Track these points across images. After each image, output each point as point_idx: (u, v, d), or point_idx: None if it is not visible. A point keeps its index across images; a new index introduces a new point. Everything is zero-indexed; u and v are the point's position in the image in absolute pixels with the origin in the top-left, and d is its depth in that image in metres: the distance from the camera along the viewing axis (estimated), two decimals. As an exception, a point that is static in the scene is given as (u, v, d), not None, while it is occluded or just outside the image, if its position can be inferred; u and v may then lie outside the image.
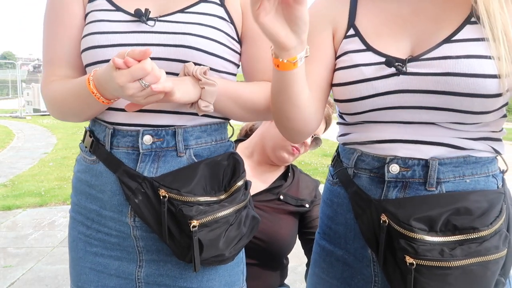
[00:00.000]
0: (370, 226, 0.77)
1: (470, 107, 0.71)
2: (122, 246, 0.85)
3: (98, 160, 0.84)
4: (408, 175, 0.76)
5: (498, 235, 0.71)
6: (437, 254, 0.69)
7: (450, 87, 0.71)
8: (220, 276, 0.86)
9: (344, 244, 0.86)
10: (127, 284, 0.86)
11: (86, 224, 0.87)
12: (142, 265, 0.85)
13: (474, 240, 0.70)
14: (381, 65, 0.75)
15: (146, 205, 0.78)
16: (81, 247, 0.88)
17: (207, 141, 0.85)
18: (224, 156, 0.85)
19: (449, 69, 0.71)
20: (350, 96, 0.79)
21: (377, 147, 0.80)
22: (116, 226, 0.84)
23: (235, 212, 0.81)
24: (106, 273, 0.86)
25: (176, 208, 0.76)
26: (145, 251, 0.84)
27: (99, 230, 0.86)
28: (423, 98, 0.73)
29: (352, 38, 0.81)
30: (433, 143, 0.76)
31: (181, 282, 0.84)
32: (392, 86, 0.75)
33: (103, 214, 0.84)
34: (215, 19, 0.83)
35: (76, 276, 0.90)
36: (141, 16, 0.79)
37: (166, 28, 0.80)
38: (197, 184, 0.79)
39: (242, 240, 0.82)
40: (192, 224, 0.75)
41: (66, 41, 0.86)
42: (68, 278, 2.67)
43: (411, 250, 0.70)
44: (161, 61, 0.78)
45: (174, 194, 0.77)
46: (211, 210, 0.77)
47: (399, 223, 0.72)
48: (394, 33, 0.78)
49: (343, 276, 0.86)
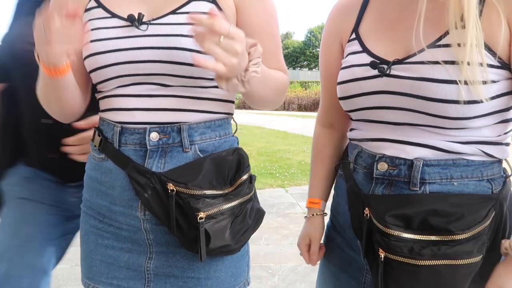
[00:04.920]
0: (357, 218, 0.82)
1: (444, 112, 0.72)
2: (133, 239, 0.88)
3: (107, 158, 0.87)
4: (395, 174, 0.79)
5: (474, 240, 0.70)
6: (406, 251, 0.71)
7: (423, 92, 0.72)
8: (226, 267, 0.89)
9: (343, 233, 0.92)
10: (136, 275, 0.89)
11: (97, 218, 0.91)
12: (152, 257, 0.88)
13: (446, 242, 0.70)
14: (368, 67, 0.79)
15: (155, 199, 0.81)
16: (93, 240, 0.91)
17: (211, 136, 0.87)
18: (229, 151, 0.87)
19: (424, 74, 0.72)
20: (343, 94, 0.85)
21: (371, 144, 0.84)
22: (127, 220, 0.87)
23: (240, 204, 0.83)
24: (116, 265, 0.89)
25: (184, 201, 0.79)
26: (155, 243, 0.87)
27: (110, 224, 0.89)
28: (403, 100, 0.76)
29: (353, 41, 0.87)
30: (418, 144, 0.77)
31: (189, 272, 0.87)
32: (376, 87, 0.79)
33: (113, 209, 0.88)
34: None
35: (87, 268, 0.93)
36: (133, 21, 0.82)
37: (158, 31, 0.82)
38: (203, 178, 0.81)
39: (247, 231, 0.85)
40: (199, 216, 0.77)
41: None
42: (68, 278, 2.68)
43: (384, 244, 0.74)
44: (154, 64, 0.82)
45: (181, 188, 0.79)
46: (217, 202, 0.80)
47: (377, 218, 0.76)
48: (392, 36, 0.81)
49: (341, 263, 0.93)
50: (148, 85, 0.84)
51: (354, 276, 0.90)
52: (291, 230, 3.48)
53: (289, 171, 5.79)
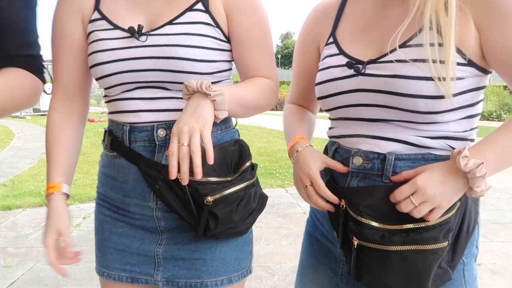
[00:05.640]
0: (335, 210, 0.87)
1: (415, 107, 0.78)
2: (145, 227, 0.96)
3: (118, 155, 0.96)
4: (369, 167, 0.85)
5: (440, 227, 0.76)
6: (378, 238, 0.77)
7: (396, 88, 0.78)
8: (231, 250, 0.97)
9: (321, 226, 0.99)
10: (147, 260, 0.97)
11: (112, 210, 0.99)
12: (162, 242, 0.96)
13: (414, 229, 0.76)
14: (345, 67, 0.86)
15: (166, 189, 0.89)
16: (107, 229, 1.00)
17: (213, 130, 0.92)
18: (231, 142, 0.95)
19: (396, 71, 0.78)
20: (322, 94, 0.91)
21: (347, 140, 0.89)
22: (140, 210, 0.95)
23: (245, 188, 0.91)
24: (128, 251, 0.98)
25: (193, 188, 0.87)
26: (165, 229, 0.96)
27: (124, 214, 0.98)
28: (377, 97, 0.82)
29: (330, 45, 0.93)
30: (391, 139, 0.83)
31: (196, 254, 0.95)
32: (353, 85, 0.85)
33: (127, 201, 0.96)
34: (201, 26, 0.90)
35: (101, 256, 1.02)
36: (133, 33, 0.89)
37: (156, 42, 0.89)
38: (209, 167, 0.88)
39: (252, 214, 0.93)
40: (206, 199, 0.86)
41: (67, 62, 0.97)
42: (68, 278, 2.68)
43: (357, 232, 0.79)
44: (155, 72, 0.89)
45: (190, 177, 0.85)
46: (222, 187, 0.88)
47: (352, 208, 0.82)
48: (366, 38, 0.87)
49: (319, 255, 1.00)
50: (151, 88, 0.91)
51: (332, 267, 0.96)
52: (291, 230, 3.49)
53: (289, 171, 5.79)
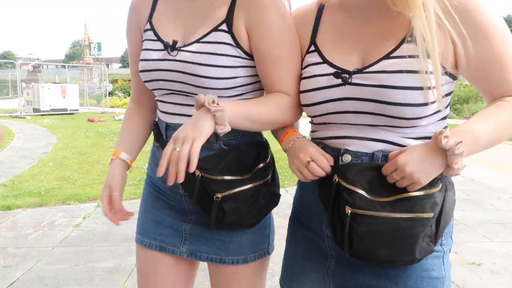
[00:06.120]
0: (326, 188, 0.92)
1: (402, 114, 0.84)
2: (177, 208, 1.14)
3: (159, 146, 1.12)
4: (358, 163, 0.91)
5: (427, 200, 0.82)
6: (370, 205, 0.83)
7: (384, 97, 0.84)
8: (248, 234, 1.10)
9: (308, 222, 1.03)
10: (176, 234, 1.14)
11: (155, 189, 1.18)
12: (190, 222, 1.13)
13: (404, 199, 0.82)
14: (332, 76, 0.90)
15: (188, 181, 0.96)
16: (149, 203, 1.19)
17: (235, 135, 1.03)
18: (251, 143, 1.07)
19: (384, 82, 0.84)
20: (307, 102, 0.96)
21: (334, 142, 0.95)
22: (173, 194, 1.13)
23: (254, 187, 1.01)
24: (162, 224, 1.16)
25: (207, 184, 0.99)
26: (193, 212, 1.12)
27: (163, 194, 1.16)
28: (364, 105, 0.87)
29: (312, 53, 0.97)
30: (377, 140, 0.90)
31: (216, 236, 1.10)
32: (340, 94, 0.90)
33: (165, 185, 1.12)
34: (223, 46, 1.00)
35: (140, 224, 1.20)
36: (167, 47, 1.02)
37: (184, 58, 1.00)
38: (225, 166, 1.01)
39: (259, 210, 1.04)
40: (216, 196, 0.98)
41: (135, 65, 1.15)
42: (68, 278, 2.69)
43: (350, 201, 0.84)
44: (182, 84, 1.02)
45: (205, 173, 0.99)
46: (232, 186, 0.99)
47: (346, 179, 0.87)
48: (347, 47, 0.92)
49: (305, 252, 1.05)
50: (182, 96, 1.04)
51: (319, 262, 1.00)
52: (291, 230, 3.48)
53: (289, 171, 5.79)
